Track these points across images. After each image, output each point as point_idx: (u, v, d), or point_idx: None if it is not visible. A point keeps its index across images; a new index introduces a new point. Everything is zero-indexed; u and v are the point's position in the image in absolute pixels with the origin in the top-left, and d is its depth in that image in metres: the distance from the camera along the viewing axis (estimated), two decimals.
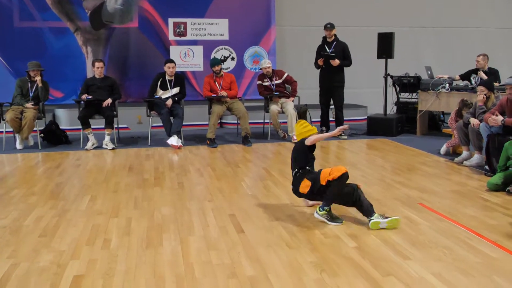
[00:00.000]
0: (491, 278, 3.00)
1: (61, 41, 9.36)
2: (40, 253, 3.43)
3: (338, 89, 8.19)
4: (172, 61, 7.87)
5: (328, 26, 8.06)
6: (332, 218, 3.98)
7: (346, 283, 2.94)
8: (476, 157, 6.05)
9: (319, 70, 8.26)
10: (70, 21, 9.35)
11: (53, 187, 5.23)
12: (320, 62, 8.08)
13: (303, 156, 4.14)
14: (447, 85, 7.94)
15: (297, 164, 4.15)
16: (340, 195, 3.93)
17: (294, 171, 4.15)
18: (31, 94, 7.55)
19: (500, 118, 5.40)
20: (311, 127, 4.17)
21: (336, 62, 7.91)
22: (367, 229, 3.85)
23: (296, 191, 4.13)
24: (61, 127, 8.13)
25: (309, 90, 9.04)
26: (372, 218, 3.85)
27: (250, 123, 7.79)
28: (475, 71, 8.18)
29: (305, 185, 4.02)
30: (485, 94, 6.02)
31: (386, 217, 3.85)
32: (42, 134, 7.77)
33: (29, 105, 7.42)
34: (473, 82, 8.08)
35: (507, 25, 11.26)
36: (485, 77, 7.75)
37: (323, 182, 3.90)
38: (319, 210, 3.99)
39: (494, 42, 10.97)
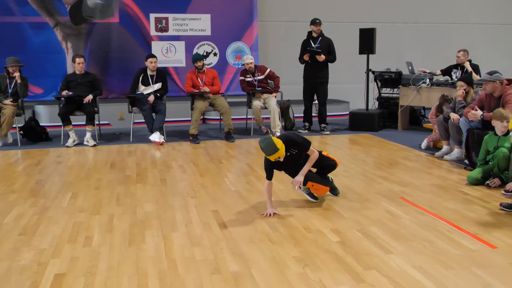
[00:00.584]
0: (470, 269, 3.06)
1: (41, 36, 9.22)
2: (21, 252, 3.38)
3: (323, 85, 8.21)
4: (153, 56, 7.82)
5: (317, 21, 8.06)
6: (311, 194, 4.43)
7: (329, 277, 2.97)
8: (456, 152, 6.13)
9: (303, 65, 8.27)
10: (49, 16, 9.21)
11: (33, 185, 5.16)
12: (306, 57, 8.09)
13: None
14: (428, 80, 8.03)
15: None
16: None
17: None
18: (9, 91, 7.42)
19: (480, 112, 5.48)
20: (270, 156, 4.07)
21: (322, 57, 7.93)
22: (349, 224, 3.88)
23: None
24: (41, 124, 8.01)
25: (292, 85, 9.06)
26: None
27: (233, 118, 7.78)
28: (456, 66, 8.29)
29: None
30: (464, 89, 6.11)
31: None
32: (21, 131, 7.66)
33: (8, 101, 7.30)
34: (454, 77, 8.18)
35: (487, 21, 11.42)
36: (470, 69, 7.88)
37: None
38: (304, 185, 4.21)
39: (474, 38, 11.12)
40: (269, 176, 4.10)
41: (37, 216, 4.13)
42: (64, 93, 7.40)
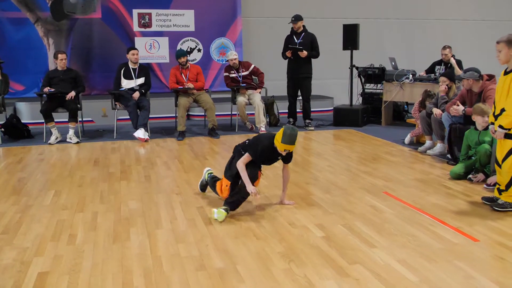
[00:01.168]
0: (452, 262, 3.10)
1: (21, 32, 9.07)
2: (3, 251, 3.34)
3: (306, 81, 8.22)
4: (135, 48, 7.78)
5: (293, 19, 8.07)
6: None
7: (314, 272, 2.98)
8: (439, 146, 6.21)
9: (286, 61, 8.28)
10: (30, 12, 9.06)
11: (15, 183, 5.09)
12: (288, 54, 8.09)
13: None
14: (411, 76, 8.10)
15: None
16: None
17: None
18: None
19: (461, 108, 5.54)
20: (281, 144, 4.02)
21: (304, 53, 7.94)
22: (334, 219, 3.90)
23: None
24: (22, 121, 7.90)
25: (276, 81, 9.06)
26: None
27: (217, 115, 7.76)
28: (439, 63, 8.39)
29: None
30: (446, 85, 6.18)
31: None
32: (2, 129, 7.54)
33: None
34: (437, 73, 8.27)
35: (468, 17, 11.55)
36: (456, 66, 7.97)
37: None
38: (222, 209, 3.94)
39: (456, 34, 11.24)
40: (255, 159, 4.07)
41: (19, 215, 4.07)
42: (46, 89, 7.30)
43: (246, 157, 4.01)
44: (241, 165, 4.00)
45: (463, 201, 4.34)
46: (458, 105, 5.59)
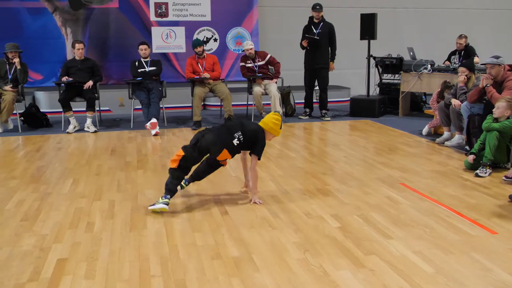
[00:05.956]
0: (470, 255, 3.07)
1: (39, 22, 9.15)
2: (22, 237, 3.40)
3: (323, 71, 8.18)
4: (144, 43, 7.81)
5: (318, 7, 8.01)
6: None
7: (329, 262, 2.98)
8: (457, 138, 6.13)
9: (304, 51, 8.23)
10: (48, 1, 9.13)
11: (34, 171, 5.16)
12: (304, 43, 8.06)
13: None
14: (429, 66, 8.00)
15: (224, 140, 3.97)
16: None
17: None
18: (9, 77, 7.40)
19: (490, 81, 5.44)
20: (279, 130, 4.08)
21: (332, 67, 8.15)
22: (350, 210, 3.89)
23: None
24: (41, 110, 8.00)
25: (292, 71, 9.02)
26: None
27: (233, 105, 7.76)
28: (454, 52, 8.28)
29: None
30: (466, 75, 6.08)
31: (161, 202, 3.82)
32: (22, 117, 7.65)
33: (8, 87, 7.28)
34: (452, 63, 8.16)
35: (486, 6, 11.33)
36: (475, 57, 7.86)
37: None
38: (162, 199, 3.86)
39: (474, 23, 11.04)
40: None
41: (38, 202, 4.14)
42: (64, 79, 7.38)
43: (257, 161, 4.01)
44: (257, 171, 4.02)
45: (481, 193, 4.29)
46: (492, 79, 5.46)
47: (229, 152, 3.94)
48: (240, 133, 3.95)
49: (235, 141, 3.93)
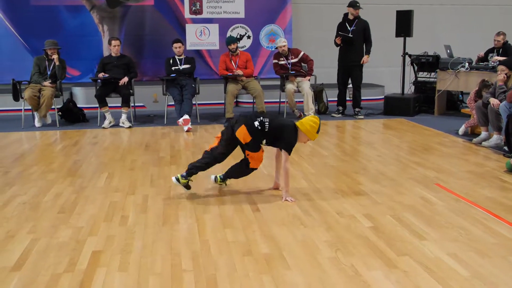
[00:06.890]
0: (507, 258, 2.99)
1: (77, 19, 9.37)
2: (59, 229, 3.49)
3: (357, 68, 8.09)
4: (178, 41, 7.87)
5: (358, 5, 7.92)
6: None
7: (361, 262, 2.95)
8: (495, 138, 5.96)
9: (338, 48, 8.16)
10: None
11: (71, 165, 5.30)
12: (338, 40, 7.99)
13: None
14: (467, 64, 7.81)
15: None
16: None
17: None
18: (48, 72, 7.61)
19: None
20: (316, 134, 4.05)
21: (366, 59, 7.99)
22: (382, 210, 3.84)
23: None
24: (78, 105, 8.20)
25: (326, 69, 8.95)
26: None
27: (265, 102, 7.76)
28: (492, 50, 8.06)
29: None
30: (505, 74, 5.91)
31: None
32: (59, 112, 7.85)
33: (47, 83, 7.49)
34: (490, 61, 7.94)
35: None
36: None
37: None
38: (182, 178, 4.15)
39: None
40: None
41: (74, 195, 4.24)
42: (101, 75, 7.54)
43: (288, 157, 4.01)
44: (288, 168, 4.03)
45: None
46: None
47: (249, 132, 3.97)
48: (267, 119, 4.01)
49: (256, 123, 3.98)
